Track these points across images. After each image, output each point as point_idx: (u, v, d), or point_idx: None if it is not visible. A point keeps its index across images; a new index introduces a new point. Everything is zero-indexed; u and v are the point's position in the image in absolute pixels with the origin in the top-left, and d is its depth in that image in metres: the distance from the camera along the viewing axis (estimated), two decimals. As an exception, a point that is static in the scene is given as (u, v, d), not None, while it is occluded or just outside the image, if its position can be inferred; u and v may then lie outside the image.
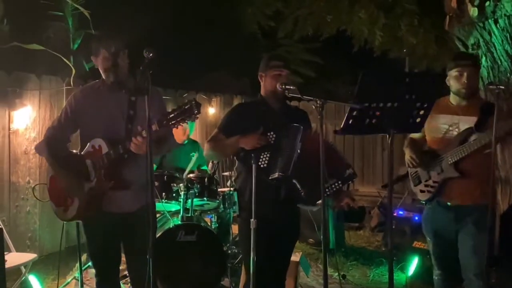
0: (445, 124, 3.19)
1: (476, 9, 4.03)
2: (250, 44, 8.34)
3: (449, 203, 3.18)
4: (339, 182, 2.95)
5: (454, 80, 3.14)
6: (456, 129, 3.14)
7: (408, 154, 3.37)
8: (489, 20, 4.03)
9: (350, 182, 3.03)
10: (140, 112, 2.36)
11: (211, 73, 9.06)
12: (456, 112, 3.17)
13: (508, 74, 4.08)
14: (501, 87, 2.84)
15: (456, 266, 3.26)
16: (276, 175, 2.85)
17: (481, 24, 4.11)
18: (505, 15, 3.90)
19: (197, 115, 2.46)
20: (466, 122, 3.09)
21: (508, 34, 3.95)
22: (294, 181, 2.90)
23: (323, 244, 2.58)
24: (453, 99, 3.22)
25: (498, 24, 3.98)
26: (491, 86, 2.90)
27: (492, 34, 4.06)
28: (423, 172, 3.30)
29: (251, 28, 7.41)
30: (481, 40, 4.18)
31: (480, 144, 2.96)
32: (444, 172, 3.16)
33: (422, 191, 3.32)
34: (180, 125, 2.54)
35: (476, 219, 3.05)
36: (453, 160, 3.10)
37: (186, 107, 2.45)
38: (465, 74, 3.07)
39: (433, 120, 3.18)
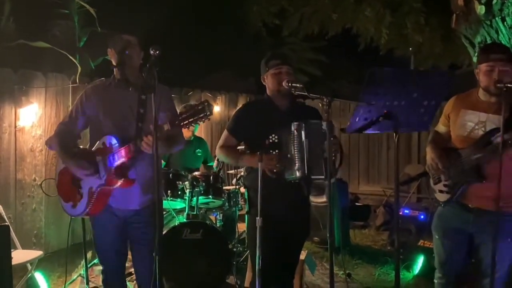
0: (471, 122, 2.97)
1: (483, 7, 4.00)
2: (255, 42, 8.34)
3: (470, 205, 2.99)
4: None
5: (483, 75, 2.89)
6: (483, 128, 2.93)
7: (429, 156, 3.12)
8: (496, 18, 4.00)
9: None
10: (151, 110, 2.38)
11: (216, 72, 9.07)
12: (484, 109, 2.94)
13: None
14: (509, 85, 2.75)
15: (459, 271, 3.16)
16: (295, 177, 2.85)
17: (488, 22, 4.09)
18: (512, 13, 3.89)
19: (209, 116, 2.47)
20: (494, 121, 2.86)
21: (515, 32, 3.93)
22: (313, 176, 2.89)
23: (329, 242, 2.57)
24: (482, 95, 2.98)
25: (505, 22, 3.96)
26: (499, 85, 2.79)
27: (500, 32, 4.04)
28: None
29: (256, 26, 7.41)
30: (488, 38, 4.16)
31: (506, 148, 2.72)
32: (465, 175, 2.95)
33: (441, 191, 3.10)
34: (192, 125, 2.55)
35: (499, 226, 2.77)
36: (475, 163, 2.89)
37: (199, 108, 2.46)
38: (496, 69, 2.82)
39: (460, 116, 3.02)
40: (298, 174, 2.83)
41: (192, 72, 8.13)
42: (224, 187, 4.75)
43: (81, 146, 3.09)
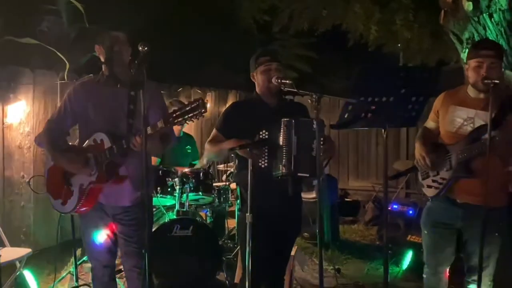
0: (460, 118, 3.00)
1: (471, 3, 4.03)
2: (245, 38, 8.33)
3: (458, 200, 3.01)
4: None
5: (472, 71, 2.90)
6: (471, 124, 2.94)
7: (418, 152, 3.13)
8: (484, 15, 4.03)
9: None
10: (140, 107, 2.38)
11: (206, 68, 9.04)
12: (473, 105, 2.96)
13: (503, 69, 4.09)
14: (496, 81, 2.78)
15: (448, 265, 3.18)
16: (280, 173, 2.85)
17: (476, 19, 4.12)
18: (499, 9, 3.91)
19: (203, 113, 2.48)
20: (483, 117, 2.87)
21: (502, 29, 3.96)
22: (299, 174, 2.88)
23: (319, 238, 2.58)
24: (471, 91, 3.00)
25: (492, 19, 3.99)
26: (486, 81, 2.81)
27: (487, 29, 4.07)
28: None
29: (246, 23, 7.40)
30: (475, 34, 4.19)
31: (492, 144, 2.73)
32: (453, 170, 2.98)
33: (429, 186, 3.13)
34: (186, 123, 2.56)
35: (487, 222, 2.78)
36: (463, 159, 2.91)
37: (193, 105, 2.47)
38: (485, 65, 2.83)
39: (449, 112, 3.05)
40: (284, 170, 2.83)
41: (181, 69, 8.09)
42: (214, 184, 4.75)
43: (70, 143, 3.07)
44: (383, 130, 2.57)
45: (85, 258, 4.41)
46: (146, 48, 2.34)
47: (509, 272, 3.26)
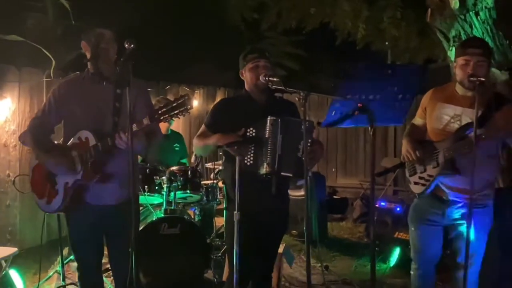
0: (447, 115, 3.02)
1: (457, 1, 4.06)
2: (233, 36, 8.31)
3: (444, 197, 3.04)
4: None
5: (459, 68, 2.92)
6: (458, 122, 2.97)
7: (405, 147, 3.16)
8: (470, 13, 4.06)
9: None
10: (126, 105, 2.36)
11: (195, 65, 9.01)
12: (460, 103, 2.98)
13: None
14: (482, 79, 2.80)
15: (434, 262, 3.21)
16: (264, 171, 2.84)
17: (462, 17, 4.14)
18: (485, 7, 3.94)
19: (189, 110, 2.47)
20: (469, 115, 2.88)
21: (488, 27, 3.99)
22: (282, 173, 2.88)
23: (306, 235, 2.59)
24: (458, 88, 3.02)
25: (479, 17, 4.02)
26: (472, 78, 2.83)
27: (473, 27, 4.10)
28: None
29: (235, 20, 7.38)
30: (462, 32, 4.22)
31: (479, 142, 2.76)
32: (440, 167, 3.01)
33: (416, 183, 3.15)
34: (172, 119, 2.55)
35: (473, 218, 2.82)
36: (450, 156, 2.94)
37: (179, 102, 2.45)
38: (471, 63, 2.85)
39: (436, 109, 3.07)
40: (268, 169, 2.82)
41: (169, 66, 8.06)
42: (202, 182, 4.73)
43: (55, 142, 3.04)
44: (370, 128, 2.58)
45: (72, 257, 4.36)
46: (132, 46, 2.32)
47: (495, 268, 3.30)
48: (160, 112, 2.50)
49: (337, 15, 6.05)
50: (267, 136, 2.84)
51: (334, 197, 8.03)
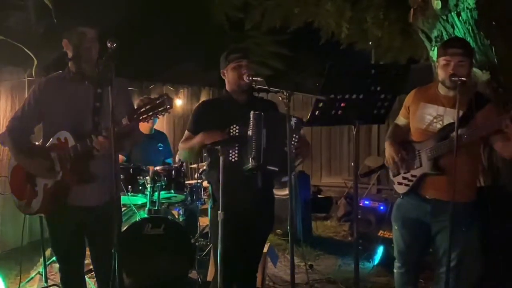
0: (429, 115, 3.04)
1: (439, 2, 4.09)
2: (218, 35, 8.28)
3: (427, 196, 3.05)
4: None
5: (440, 69, 2.95)
6: (440, 122, 2.99)
7: (388, 150, 3.19)
8: (452, 13, 4.10)
9: None
10: (108, 104, 2.34)
11: (178, 65, 8.97)
12: (442, 103, 3.01)
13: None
14: (463, 79, 2.82)
15: (417, 260, 3.24)
16: (249, 166, 2.84)
17: (444, 17, 4.18)
18: (467, 8, 3.98)
19: (169, 110, 2.45)
20: (452, 115, 2.89)
21: (470, 27, 4.03)
22: (268, 167, 2.88)
23: (290, 234, 2.60)
24: (441, 88, 3.04)
25: (460, 17, 4.06)
26: (453, 78, 2.84)
27: (455, 27, 4.14)
28: None
29: (219, 19, 7.37)
30: (444, 32, 4.25)
31: (461, 142, 2.79)
32: (423, 167, 3.03)
33: (399, 183, 3.17)
34: (151, 119, 2.53)
35: (455, 217, 2.82)
36: (432, 156, 2.97)
37: (158, 101, 2.43)
38: (452, 63, 2.88)
39: (419, 109, 3.09)
40: (253, 163, 2.82)
41: (153, 65, 8.00)
42: (186, 181, 4.72)
43: (36, 143, 3.00)
44: (353, 127, 2.60)
45: (54, 258, 4.32)
46: (114, 45, 2.30)
47: (477, 266, 3.33)
48: (139, 111, 2.48)
49: (320, 15, 6.06)
50: (251, 130, 2.84)
51: (319, 196, 8.06)
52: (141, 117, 2.49)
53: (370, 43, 6.39)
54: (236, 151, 2.88)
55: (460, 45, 2.98)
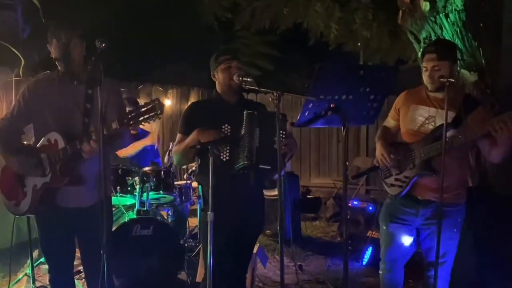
0: (421, 117, 3.05)
1: (428, 3, 4.11)
2: (207, 36, 8.28)
3: (419, 197, 3.05)
4: None
5: (423, 73, 3.00)
6: (432, 123, 3.00)
7: (379, 151, 3.18)
8: (440, 15, 4.13)
9: None
10: (97, 105, 2.32)
11: (168, 65, 8.96)
12: (433, 104, 3.02)
13: (458, 67, 4.20)
14: (451, 80, 2.84)
15: (405, 261, 3.23)
16: (242, 164, 2.83)
17: (432, 18, 4.21)
18: (455, 9, 4.01)
19: (160, 115, 2.43)
20: (443, 116, 2.83)
21: (458, 29, 4.06)
22: (260, 166, 2.87)
23: (280, 235, 2.59)
24: (429, 90, 3.05)
25: (449, 19, 4.09)
26: (441, 79, 2.85)
27: (443, 28, 4.17)
28: None
29: (208, 20, 7.36)
30: (432, 34, 4.28)
31: (453, 144, 2.82)
32: (416, 169, 3.02)
33: (392, 185, 3.15)
34: (142, 124, 2.51)
35: (446, 218, 2.87)
36: (425, 157, 2.96)
37: (149, 107, 2.42)
38: (429, 69, 2.93)
39: (410, 110, 3.10)
40: (246, 161, 2.81)
41: (142, 65, 7.98)
42: (175, 182, 4.70)
43: (25, 142, 2.98)
44: (342, 128, 2.60)
45: (42, 259, 4.29)
46: (103, 45, 2.28)
47: (467, 268, 3.35)
48: (129, 117, 2.47)
49: (309, 16, 6.08)
50: (244, 130, 2.84)
51: (308, 196, 8.07)
52: (131, 122, 2.47)
53: (359, 44, 6.43)
54: (228, 151, 2.88)
55: (433, 49, 2.99)
